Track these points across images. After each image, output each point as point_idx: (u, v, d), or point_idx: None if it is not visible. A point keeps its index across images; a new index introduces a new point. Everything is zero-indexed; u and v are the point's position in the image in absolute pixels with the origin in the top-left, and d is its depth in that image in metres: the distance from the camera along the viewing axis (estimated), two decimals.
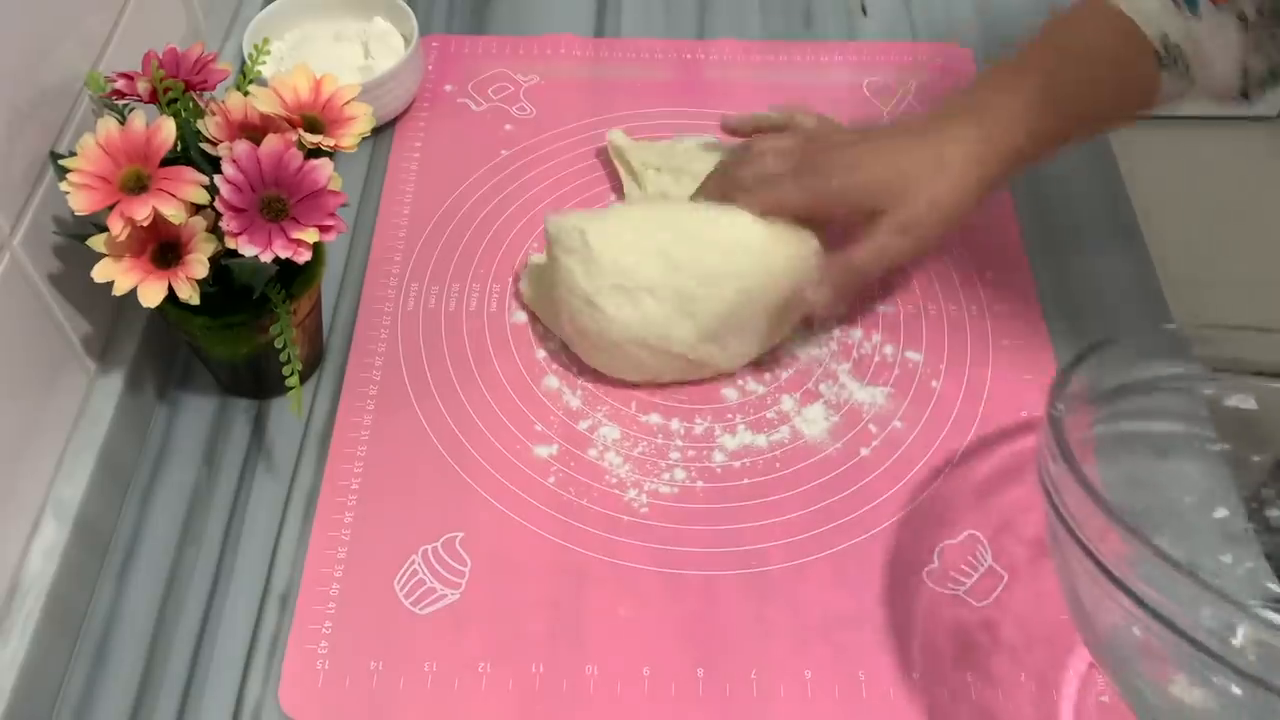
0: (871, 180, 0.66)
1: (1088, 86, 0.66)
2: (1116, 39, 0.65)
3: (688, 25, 0.92)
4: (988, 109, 0.66)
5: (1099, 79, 0.66)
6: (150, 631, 0.61)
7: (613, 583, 0.62)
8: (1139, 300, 0.74)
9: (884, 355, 0.72)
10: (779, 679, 0.59)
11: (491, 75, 0.88)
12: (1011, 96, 0.66)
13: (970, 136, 0.65)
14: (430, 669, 0.59)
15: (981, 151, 0.65)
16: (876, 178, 0.66)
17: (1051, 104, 0.65)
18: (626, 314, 0.66)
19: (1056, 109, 0.66)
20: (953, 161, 0.65)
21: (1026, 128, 0.65)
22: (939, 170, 0.65)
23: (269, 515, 0.65)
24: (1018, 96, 0.66)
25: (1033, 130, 0.65)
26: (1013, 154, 0.66)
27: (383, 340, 0.72)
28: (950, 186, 0.65)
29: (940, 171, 0.65)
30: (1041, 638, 0.61)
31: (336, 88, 0.62)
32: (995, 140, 0.65)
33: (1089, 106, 0.67)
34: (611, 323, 0.66)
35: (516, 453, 0.67)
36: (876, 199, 0.65)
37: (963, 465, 0.67)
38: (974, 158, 0.65)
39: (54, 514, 0.60)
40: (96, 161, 0.56)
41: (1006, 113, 0.66)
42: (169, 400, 0.70)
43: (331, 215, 0.58)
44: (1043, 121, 0.66)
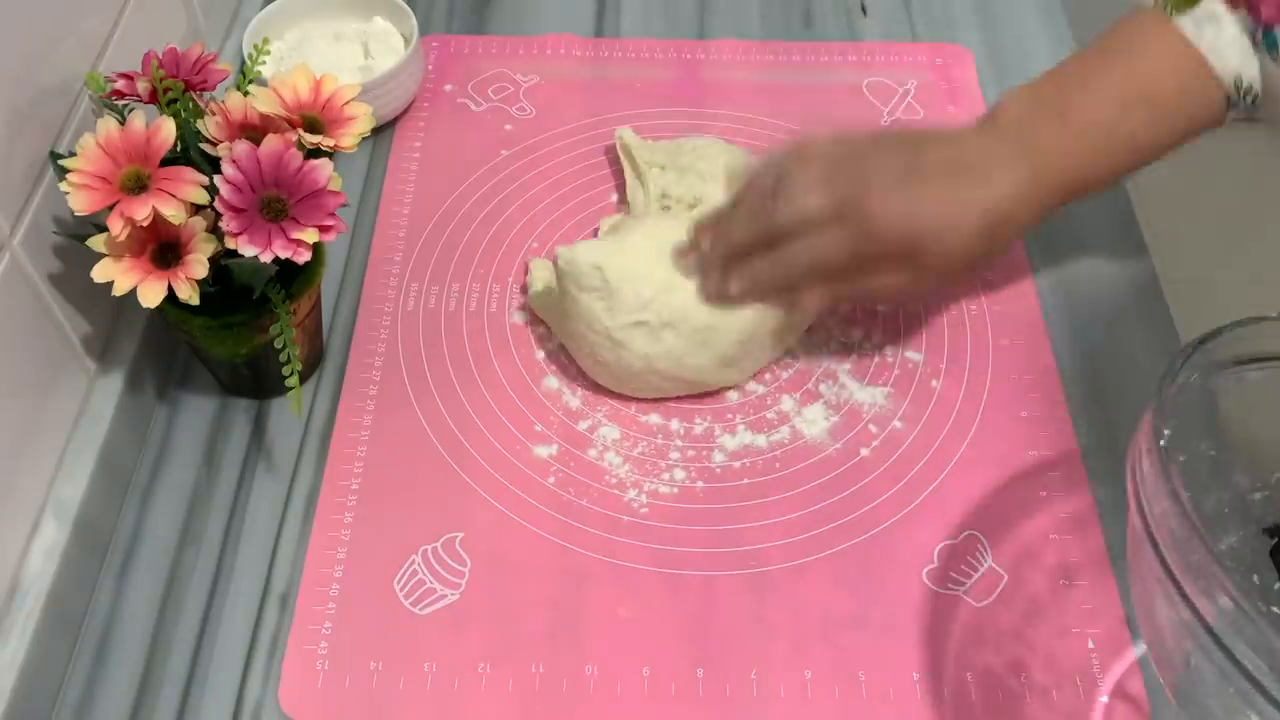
0: (922, 228, 0.61)
1: (1151, 131, 0.63)
2: (1185, 77, 0.62)
3: (688, 25, 0.92)
4: (1043, 149, 0.62)
5: (1163, 124, 0.63)
6: (150, 631, 0.61)
7: (613, 583, 0.62)
8: (1139, 300, 0.74)
9: (884, 355, 0.72)
10: (779, 679, 0.59)
11: (491, 75, 0.88)
12: (1069, 136, 0.62)
13: (1023, 178, 0.62)
14: (430, 669, 0.59)
15: (1033, 195, 0.62)
16: (927, 225, 0.61)
17: (1110, 151, 0.63)
18: (648, 348, 0.66)
19: (1114, 155, 0.63)
20: (1003, 212, 0.61)
21: (1079, 173, 0.63)
22: (987, 220, 0.61)
23: (269, 515, 0.65)
24: (1075, 137, 0.62)
25: (1084, 175, 0.63)
26: (1060, 200, 0.63)
27: (383, 340, 0.72)
28: (994, 241, 0.62)
29: (988, 222, 0.61)
30: (1042, 637, 0.61)
31: (336, 88, 0.62)
32: (1046, 185, 0.62)
33: (1149, 151, 0.64)
34: (634, 356, 0.66)
35: (516, 453, 0.67)
36: (921, 248, 0.61)
37: (963, 465, 0.67)
38: (1024, 203, 0.62)
39: (54, 514, 0.60)
40: (96, 161, 0.56)
41: (1061, 155, 0.62)
42: (169, 400, 0.70)
43: (331, 215, 0.58)
44: (1097, 165, 0.63)
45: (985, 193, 0.61)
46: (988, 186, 0.61)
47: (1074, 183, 0.63)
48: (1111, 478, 0.66)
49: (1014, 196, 0.62)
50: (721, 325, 0.66)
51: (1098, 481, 0.66)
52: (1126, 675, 0.59)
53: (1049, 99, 0.64)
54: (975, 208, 0.61)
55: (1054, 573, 0.63)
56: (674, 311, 0.65)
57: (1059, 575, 0.63)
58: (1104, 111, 0.63)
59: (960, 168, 0.62)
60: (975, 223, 0.61)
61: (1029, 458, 0.67)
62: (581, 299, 0.66)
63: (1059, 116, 0.63)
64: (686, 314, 0.66)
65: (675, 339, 0.66)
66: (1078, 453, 0.67)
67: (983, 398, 0.70)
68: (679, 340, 0.66)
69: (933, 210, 0.61)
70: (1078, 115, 0.63)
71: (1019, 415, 0.69)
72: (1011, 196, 0.62)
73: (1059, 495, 0.65)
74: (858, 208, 0.61)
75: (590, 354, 0.67)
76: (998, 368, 0.71)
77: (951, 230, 0.61)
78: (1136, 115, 0.63)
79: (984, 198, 0.61)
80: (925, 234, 0.61)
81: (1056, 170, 0.62)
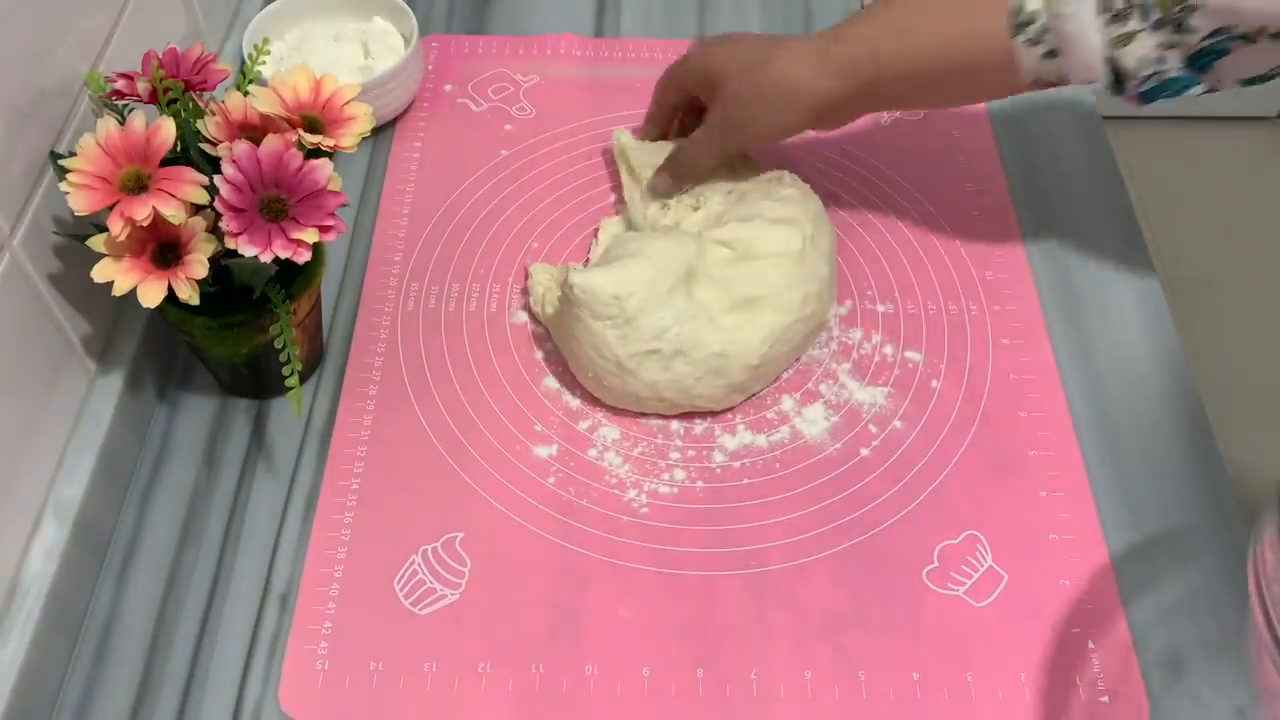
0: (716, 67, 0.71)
1: (932, 36, 0.66)
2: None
3: (688, 25, 0.92)
4: (836, 35, 0.68)
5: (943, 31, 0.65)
6: (150, 631, 0.61)
7: (612, 583, 0.62)
8: (1139, 300, 0.74)
9: (884, 355, 0.72)
10: (779, 679, 0.59)
11: (491, 75, 0.88)
12: (859, 28, 0.68)
13: (811, 51, 0.68)
14: (430, 669, 0.59)
15: (820, 70, 0.68)
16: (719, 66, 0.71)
17: (892, 42, 0.66)
18: (657, 376, 0.66)
19: (896, 50, 0.66)
20: (787, 67, 0.68)
21: (867, 47, 0.67)
22: (771, 71, 0.68)
23: (269, 515, 0.65)
24: (864, 28, 0.68)
25: (873, 51, 0.67)
26: (850, 63, 0.67)
27: (383, 340, 0.72)
28: (779, 90, 0.69)
29: (772, 73, 0.68)
30: (1042, 637, 0.61)
31: (336, 88, 0.62)
32: (831, 60, 0.67)
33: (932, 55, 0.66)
34: (641, 384, 0.66)
35: (516, 453, 0.67)
36: (718, 86, 0.71)
37: (963, 465, 0.67)
38: (811, 71, 0.68)
39: (54, 514, 0.60)
40: (96, 161, 0.56)
41: (849, 38, 0.68)
42: (169, 400, 0.70)
43: (331, 215, 0.58)
44: (879, 57, 0.66)
45: (775, 52, 0.69)
46: (780, 53, 0.69)
47: (859, 59, 0.67)
48: (1112, 477, 0.66)
49: (794, 53, 0.69)
50: (734, 353, 0.66)
51: (1098, 481, 0.66)
52: (1126, 675, 0.59)
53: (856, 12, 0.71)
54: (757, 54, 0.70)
55: (1054, 573, 0.63)
56: (686, 340, 0.65)
57: (1059, 575, 0.63)
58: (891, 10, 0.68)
59: (775, 40, 0.71)
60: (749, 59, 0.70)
61: (1029, 458, 0.67)
62: (594, 326, 0.65)
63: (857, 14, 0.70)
64: (700, 343, 0.65)
65: (687, 367, 0.65)
66: (1078, 453, 0.67)
67: (983, 398, 0.70)
68: (691, 369, 0.66)
69: (722, 52, 0.72)
70: (870, 9, 0.69)
71: (1019, 415, 0.69)
72: (792, 53, 0.69)
73: (1059, 495, 0.65)
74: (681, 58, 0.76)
75: (595, 377, 0.67)
76: (998, 368, 0.71)
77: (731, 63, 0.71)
78: (917, 15, 0.67)
79: (766, 48, 0.70)
80: (710, 66, 0.72)
81: (839, 44, 0.68)
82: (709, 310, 0.66)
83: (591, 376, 0.67)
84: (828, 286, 0.71)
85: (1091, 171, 0.82)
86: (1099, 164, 0.82)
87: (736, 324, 0.66)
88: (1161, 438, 0.68)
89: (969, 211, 0.79)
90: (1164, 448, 0.68)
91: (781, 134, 0.72)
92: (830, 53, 0.67)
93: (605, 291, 0.65)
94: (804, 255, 0.69)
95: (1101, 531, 0.64)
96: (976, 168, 0.82)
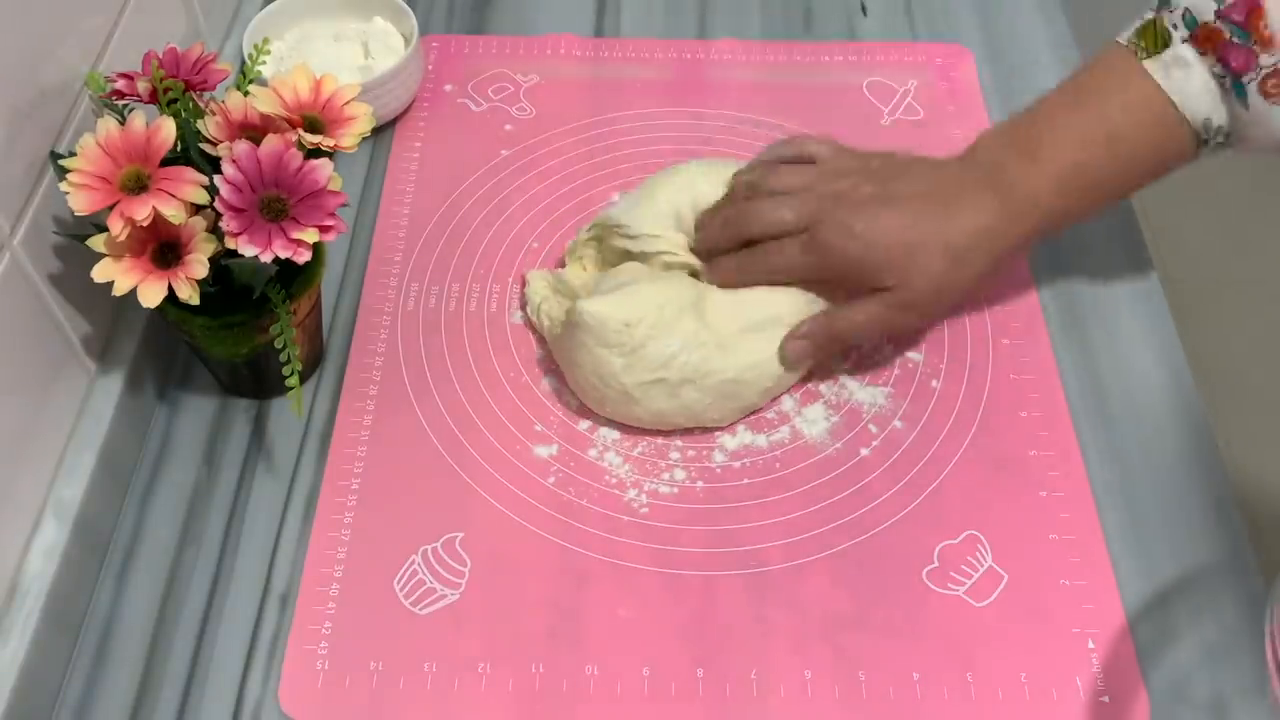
0: (879, 255, 0.64)
1: (1120, 171, 0.64)
2: (1154, 120, 0.62)
3: (688, 25, 0.92)
4: (1011, 185, 0.64)
5: (1133, 165, 0.64)
6: (150, 631, 0.61)
7: (612, 583, 0.62)
8: (1139, 300, 0.74)
9: (884, 355, 0.72)
10: (779, 679, 0.59)
11: (491, 75, 0.88)
12: (1037, 174, 0.63)
13: (989, 212, 0.63)
14: (430, 669, 0.59)
15: (999, 230, 0.64)
16: (884, 253, 0.63)
17: (1079, 190, 0.64)
18: (664, 404, 0.65)
19: (1083, 194, 0.64)
20: (966, 246, 0.63)
21: (1049, 210, 0.64)
22: (950, 253, 0.63)
23: (269, 515, 0.65)
24: (1044, 176, 0.63)
25: (1054, 212, 0.64)
26: (1029, 236, 0.65)
27: (383, 340, 0.72)
28: (959, 273, 0.64)
29: (951, 254, 0.63)
30: (1042, 638, 0.61)
31: (336, 88, 0.62)
32: (1014, 220, 0.64)
33: (1118, 189, 0.65)
34: (646, 411, 0.65)
35: (516, 453, 0.67)
36: (880, 276, 0.64)
37: (963, 465, 0.67)
38: (989, 238, 0.63)
39: (54, 514, 0.60)
40: (96, 161, 0.56)
41: (1029, 192, 0.63)
42: (169, 400, 0.70)
43: (331, 215, 0.58)
44: (1067, 204, 0.64)
45: (947, 224, 0.63)
46: (950, 219, 0.63)
47: (1043, 219, 0.64)
48: (1112, 477, 0.66)
49: (979, 230, 0.63)
50: (749, 379, 0.66)
51: (1098, 481, 0.66)
52: (1126, 675, 0.59)
53: (1020, 137, 0.65)
54: (936, 239, 0.63)
55: (1054, 573, 0.63)
56: (695, 368, 0.64)
57: (1059, 575, 0.63)
58: (1071, 152, 0.63)
59: (927, 199, 0.64)
60: (935, 254, 0.63)
61: (1029, 458, 0.67)
62: (599, 352, 0.64)
63: (1029, 154, 0.64)
64: (710, 370, 0.65)
65: (696, 394, 0.65)
66: (1078, 453, 0.67)
67: (983, 398, 0.70)
68: (700, 395, 0.65)
69: (890, 239, 0.63)
70: (1046, 154, 0.64)
71: (1019, 415, 0.69)
72: (976, 229, 0.63)
73: (1059, 495, 0.65)
74: (817, 228, 0.65)
75: (599, 400, 0.66)
76: (998, 368, 0.71)
77: (910, 260, 0.63)
78: (1104, 156, 0.63)
79: (946, 229, 0.63)
80: (881, 263, 0.64)
81: (1024, 207, 0.64)
82: (720, 335, 0.65)
83: (595, 399, 0.67)
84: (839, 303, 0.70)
85: None
86: None
87: (750, 347, 0.66)
88: (1162, 438, 0.68)
89: None
90: (1164, 447, 0.68)
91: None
92: (1011, 229, 0.64)
93: (615, 319, 0.63)
94: None
95: (1101, 531, 0.64)
96: None
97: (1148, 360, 0.71)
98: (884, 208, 0.64)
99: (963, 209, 0.64)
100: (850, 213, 0.64)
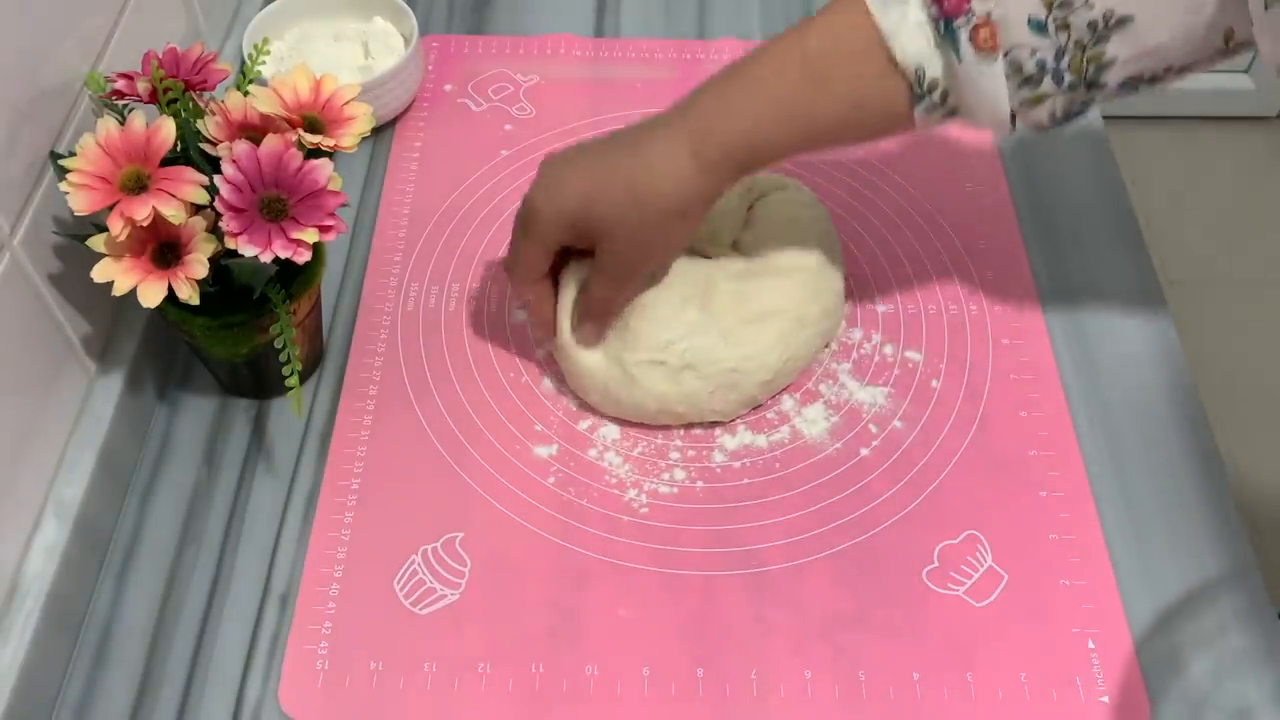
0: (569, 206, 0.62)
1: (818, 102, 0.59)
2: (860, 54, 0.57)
3: (688, 25, 0.92)
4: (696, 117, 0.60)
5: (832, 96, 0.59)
6: (150, 631, 0.61)
7: (613, 583, 0.62)
8: (1139, 300, 0.74)
9: (884, 355, 0.72)
10: (779, 679, 0.59)
11: (491, 75, 0.88)
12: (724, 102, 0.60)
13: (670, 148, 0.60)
14: (430, 669, 0.59)
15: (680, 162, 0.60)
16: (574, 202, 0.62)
17: (773, 118, 0.59)
18: (666, 388, 0.65)
19: (778, 123, 0.60)
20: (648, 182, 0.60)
21: (740, 138, 0.60)
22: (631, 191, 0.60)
23: (269, 515, 0.65)
24: (731, 104, 0.60)
25: (747, 141, 0.60)
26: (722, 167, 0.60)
27: (383, 340, 0.72)
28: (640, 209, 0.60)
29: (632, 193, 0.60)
30: (1042, 637, 0.61)
31: (336, 88, 0.62)
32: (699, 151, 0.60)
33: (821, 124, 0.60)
34: (649, 395, 0.66)
35: (516, 453, 0.67)
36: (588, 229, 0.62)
37: (963, 465, 0.67)
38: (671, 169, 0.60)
39: (54, 514, 0.60)
40: (96, 161, 0.56)
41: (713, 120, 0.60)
42: (169, 400, 0.70)
43: (331, 215, 0.58)
44: (758, 131, 0.60)
45: (631, 162, 0.61)
46: (634, 156, 0.61)
47: (736, 149, 0.60)
48: (1111, 477, 0.66)
49: (664, 164, 0.60)
50: (748, 369, 0.66)
51: (1098, 481, 0.66)
52: (1126, 675, 0.59)
53: (718, 74, 0.61)
54: (619, 178, 0.61)
55: (1054, 573, 0.63)
56: (697, 355, 0.65)
57: (1059, 575, 0.63)
58: (766, 78, 0.59)
59: (615, 145, 0.62)
60: (621, 194, 0.60)
61: (1029, 458, 0.67)
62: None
63: (719, 85, 0.61)
64: (711, 358, 0.65)
65: (698, 382, 0.65)
66: (1078, 453, 0.67)
67: (983, 398, 0.70)
68: (702, 384, 0.65)
69: (578, 188, 0.62)
70: (738, 81, 0.60)
71: (1019, 415, 0.69)
72: (661, 164, 0.60)
73: (1059, 495, 0.65)
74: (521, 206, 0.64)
75: (603, 387, 0.66)
76: (998, 368, 0.71)
77: (599, 204, 0.61)
78: (803, 83, 0.59)
79: (629, 166, 0.61)
80: (574, 213, 0.62)
81: (712, 135, 0.60)
82: (723, 324, 0.66)
83: (601, 388, 0.67)
84: (841, 299, 0.71)
85: (1092, 172, 0.82)
86: (1099, 164, 0.82)
87: (751, 337, 0.66)
88: (1162, 438, 0.68)
89: (969, 212, 0.79)
90: (1164, 447, 0.68)
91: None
92: (704, 152, 0.60)
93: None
94: (821, 268, 0.69)
95: (1101, 531, 0.64)
96: (977, 168, 0.82)
97: (1147, 360, 0.71)
98: (569, 164, 0.63)
99: (647, 147, 0.61)
100: (541, 180, 0.63)
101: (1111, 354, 0.72)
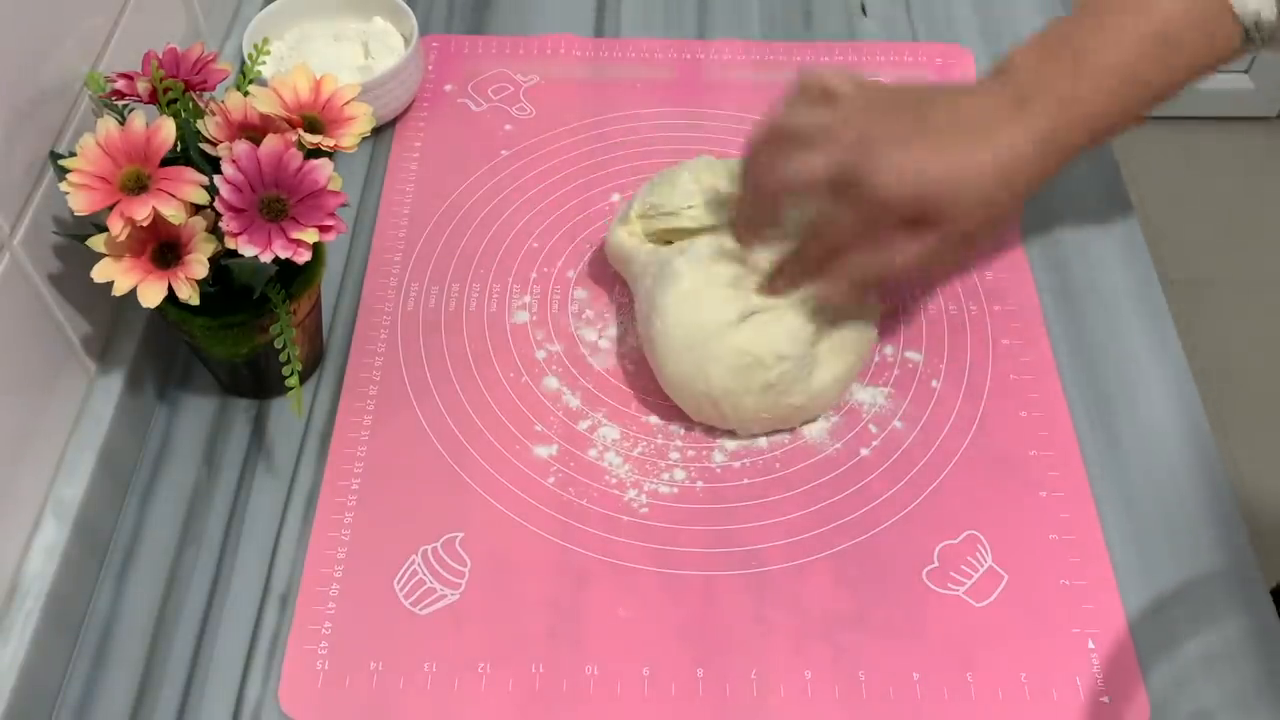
0: (932, 190, 0.59)
1: (1164, 70, 0.61)
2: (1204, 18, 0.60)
3: (688, 25, 0.92)
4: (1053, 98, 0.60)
5: (1178, 62, 0.61)
6: (150, 631, 0.61)
7: (612, 583, 0.62)
8: (1139, 300, 0.74)
9: (884, 355, 0.72)
10: (779, 679, 0.59)
11: (491, 75, 0.88)
12: (1080, 82, 0.60)
13: (1034, 129, 0.60)
14: (430, 669, 0.59)
15: (1041, 144, 0.60)
16: (936, 186, 0.59)
17: (1128, 95, 0.61)
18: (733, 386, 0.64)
19: (1132, 99, 0.61)
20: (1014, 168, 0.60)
21: (1097, 119, 0.61)
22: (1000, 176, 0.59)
23: (269, 515, 0.65)
24: (1088, 83, 0.60)
25: (1100, 120, 0.61)
26: (1078, 147, 0.61)
27: (383, 340, 0.72)
28: (1010, 194, 0.60)
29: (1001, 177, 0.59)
30: (1042, 638, 0.61)
31: (336, 88, 0.62)
32: (1059, 133, 0.60)
33: (1162, 87, 0.62)
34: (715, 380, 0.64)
35: (516, 453, 0.67)
36: (938, 210, 0.60)
37: (963, 465, 0.67)
38: (1041, 154, 0.60)
39: (54, 514, 0.60)
40: (96, 161, 0.56)
41: (1072, 101, 0.60)
42: (169, 400, 0.70)
43: (331, 215, 0.58)
44: (1110, 108, 0.61)
45: (994, 146, 0.59)
46: (996, 140, 0.60)
47: (1090, 129, 0.61)
48: (1112, 477, 0.66)
49: (1026, 147, 0.60)
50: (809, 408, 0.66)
51: (1098, 481, 0.66)
52: (1126, 675, 0.59)
53: (1059, 47, 0.61)
54: (987, 163, 0.59)
55: (1054, 573, 0.63)
56: (787, 383, 0.64)
57: (1059, 575, 0.63)
58: (1118, 55, 0.60)
59: (968, 124, 0.60)
60: (989, 178, 0.59)
61: (1029, 458, 0.67)
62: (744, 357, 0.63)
63: (1071, 63, 0.61)
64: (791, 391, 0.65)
65: (763, 401, 0.65)
66: (1078, 453, 0.67)
67: (983, 398, 0.70)
68: (766, 405, 0.65)
69: (940, 171, 0.59)
70: (1092, 60, 0.61)
71: (1019, 415, 0.69)
72: (1023, 147, 0.60)
73: (1059, 495, 0.65)
74: (860, 178, 0.59)
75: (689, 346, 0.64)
76: (998, 368, 0.71)
77: (964, 188, 0.59)
78: (1152, 57, 0.61)
79: (994, 151, 0.59)
80: (938, 196, 0.59)
81: (1071, 117, 0.60)
82: (818, 358, 0.66)
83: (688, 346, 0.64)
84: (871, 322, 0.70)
85: (1092, 171, 0.82)
86: (1099, 164, 0.82)
87: (819, 378, 0.66)
88: (1162, 437, 0.68)
89: None
90: (1164, 447, 0.68)
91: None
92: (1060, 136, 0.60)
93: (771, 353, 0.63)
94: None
95: (1101, 531, 0.64)
96: None
97: (1148, 360, 0.71)
98: (925, 140, 0.60)
99: (1007, 129, 0.60)
100: (894, 150, 0.59)
101: (1111, 354, 0.72)
